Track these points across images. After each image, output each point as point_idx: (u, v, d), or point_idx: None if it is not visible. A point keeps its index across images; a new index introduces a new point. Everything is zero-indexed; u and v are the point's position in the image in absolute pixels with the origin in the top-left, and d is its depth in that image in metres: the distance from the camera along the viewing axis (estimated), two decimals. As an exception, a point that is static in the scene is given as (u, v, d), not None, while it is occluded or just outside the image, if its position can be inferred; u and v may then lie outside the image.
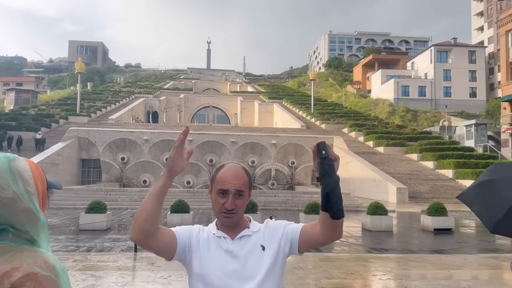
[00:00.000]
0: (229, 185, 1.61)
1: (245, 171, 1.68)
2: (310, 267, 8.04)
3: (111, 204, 18.25)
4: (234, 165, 1.71)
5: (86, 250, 9.58)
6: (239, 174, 1.65)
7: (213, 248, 1.63)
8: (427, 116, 56.05)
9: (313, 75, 61.44)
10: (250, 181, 1.68)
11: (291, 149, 31.50)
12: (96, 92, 61.91)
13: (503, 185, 2.11)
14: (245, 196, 1.64)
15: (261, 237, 1.67)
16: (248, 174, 1.70)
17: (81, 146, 29.74)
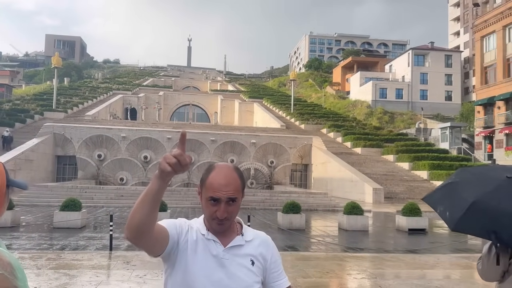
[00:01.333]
0: (220, 193, 1.47)
1: (237, 172, 1.54)
2: (286, 266, 8.07)
3: (87, 202, 17.94)
4: (226, 167, 1.54)
5: (59, 249, 9.38)
6: (231, 178, 1.50)
7: (201, 251, 1.52)
8: (403, 118, 57.06)
9: (293, 76, 61.77)
10: (243, 183, 1.55)
11: (270, 149, 31.59)
12: (73, 87, 60.70)
13: (464, 187, 2.22)
14: (238, 201, 1.51)
15: (253, 249, 1.58)
16: (241, 175, 1.56)
17: (56, 142, 29.11)
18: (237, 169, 1.56)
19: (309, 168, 33.54)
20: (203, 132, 32.25)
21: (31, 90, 60.46)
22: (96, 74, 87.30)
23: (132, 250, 9.49)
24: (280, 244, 11.30)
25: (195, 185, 28.63)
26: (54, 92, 44.37)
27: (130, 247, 9.97)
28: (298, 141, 33.09)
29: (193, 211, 18.90)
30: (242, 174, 1.57)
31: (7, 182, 1.24)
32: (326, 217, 18.17)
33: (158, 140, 29.51)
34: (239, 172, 1.55)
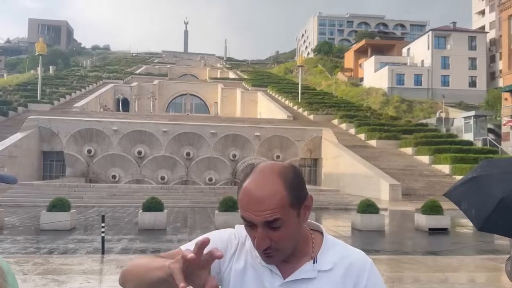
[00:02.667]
0: (251, 214, 1.12)
1: (283, 179, 1.14)
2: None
3: (76, 202, 18.04)
4: (263, 173, 1.16)
5: (47, 252, 9.46)
6: (267, 191, 1.11)
7: (250, 281, 1.22)
8: (423, 107, 56.85)
9: (301, 61, 61.56)
10: (294, 193, 1.15)
11: (276, 142, 31.58)
12: (60, 76, 60.83)
13: (491, 181, 2.19)
14: (288, 223, 1.13)
15: (332, 285, 1.20)
16: (290, 182, 1.15)
17: (42, 137, 29.24)
18: (284, 173, 1.16)
19: (318, 163, 33.53)
20: (202, 124, 32.27)
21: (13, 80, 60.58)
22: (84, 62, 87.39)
23: (126, 253, 9.56)
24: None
25: (193, 182, 28.74)
26: (38, 82, 44.48)
27: (124, 250, 10.05)
28: (306, 133, 33.06)
29: (192, 210, 18.98)
30: (292, 180, 1.15)
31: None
32: (338, 216, 18.20)
33: (153, 134, 29.57)
34: (286, 178, 1.15)
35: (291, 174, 1.16)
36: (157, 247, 10.49)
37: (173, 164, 29.36)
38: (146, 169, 29.12)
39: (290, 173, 1.17)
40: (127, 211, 18.19)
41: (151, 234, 12.23)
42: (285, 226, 1.13)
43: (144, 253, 9.82)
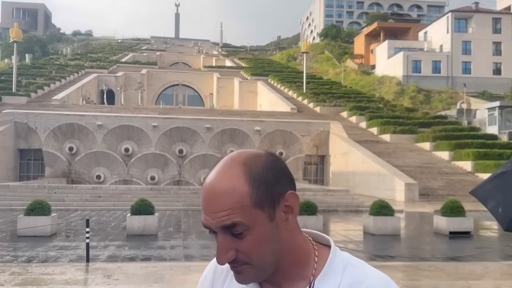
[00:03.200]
0: (207, 217, 1.00)
1: (245, 171, 0.99)
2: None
3: (57, 205, 18.07)
4: (224, 164, 1.03)
5: (26, 261, 9.48)
6: (223, 188, 0.98)
7: None
8: (442, 97, 56.84)
9: (305, 47, 61.46)
10: (259, 190, 0.98)
11: (278, 137, 31.61)
12: (37, 66, 60.77)
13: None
14: (254, 229, 0.97)
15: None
16: (253, 174, 0.98)
17: (18, 133, 29.25)
18: (250, 163, 1.00)
19: (326, 160, 33.56)
20: (196, 118, 32.29)
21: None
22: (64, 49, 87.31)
23: (114, 261, 9.59)
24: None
25: (187, 182, 28.79)
26: (13, 72, 44.43)
27: (111, 258, 10.07)
28: (312, 127, 33.08)
29: (185, 213, 19.01)
30: (260, 172, 0.99)
31: None
32: (348, 219, 18.23)
33: (142, 129, 29.59)
34: (251, 170, 0.99)
35: (260, 164, 0.99)
36: (147, 255, 10.52)
37: (164, 163, 29.39)
38: (134, 168, 29.16)
39: (260, 163, 0.99)
40: (113, 215, 18.23)
41: (140, 240, 12.25)
42: (251, 233, 0.96)
43: (133, 261, 9.84)
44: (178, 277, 8.02)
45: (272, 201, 0.98)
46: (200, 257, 10.35)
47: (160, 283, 7.46)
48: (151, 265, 9.11)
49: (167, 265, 9.13)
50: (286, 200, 1.00)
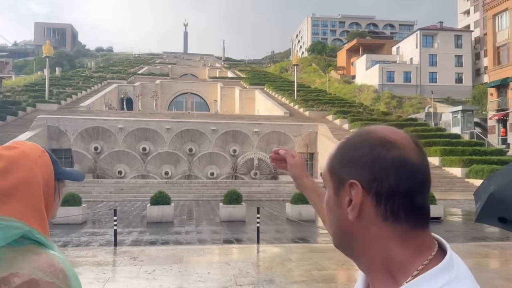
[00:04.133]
0: None
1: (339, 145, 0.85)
2: (300, 258, 8.09)
3: (86, 197, 17.96)
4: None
5: (62, 245, 9.41)
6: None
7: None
8: (412, 103, 56.86)
9: (296, 60, 61.38)
10: (337, 162, 0.81)
11: (274, 137, 31.54)
12: (66, 77, 60.47)
13: (497, 177, 2.25)
14: (330, 189, 0.82)
15: None
16: (341, 144, 0.84)
17: (50, 135, 29.10)
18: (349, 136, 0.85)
19: (315, 156, 33.52)
20: (203, 121, 32.18)
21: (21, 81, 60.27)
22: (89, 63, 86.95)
23: (138, 245, 9.53)
24: (291, 236, 11.33)
25: (196, 176, 28.69)
26: (46, 83, 44.20)
27: (135, 242, 10.01)
28: (302, 128, 33.03)
29: (196, 203, 18.96)
30: (345, 146, 0.82)
31: (57, 175, 1.14)
32: (335, 207, 18.19)
33: (157, 131, 29.47)
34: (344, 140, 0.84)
35: (356, 138, 0.81)
36: (166, 239, 10.46)
37: (176, 160, 29.29)
38: (151, 165, 29.05)
39: (357, 137, 0.81)
40: (134, 205, 18.16)
41: (159, 227, 12.20)
42: (326, 191, 0.84)
43: (154, 244, 9.78)
44: (194, 258, 7.97)
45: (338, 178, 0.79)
46: (212, 241, 10.30)
47: (179, 263, 7.41)
48: (170, 248, 9.06)
49: (184, 248, 9.08)
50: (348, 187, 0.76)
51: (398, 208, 0.73)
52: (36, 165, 1.10)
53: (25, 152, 1.11)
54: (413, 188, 0.73)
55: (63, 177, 1.18)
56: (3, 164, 1.06)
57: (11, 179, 1.04)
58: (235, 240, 10.60)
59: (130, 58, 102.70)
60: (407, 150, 0.75)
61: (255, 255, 8.46)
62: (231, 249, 9.23)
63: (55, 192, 1.15)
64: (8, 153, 1.10)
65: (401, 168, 0.73)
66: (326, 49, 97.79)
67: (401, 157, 0.73)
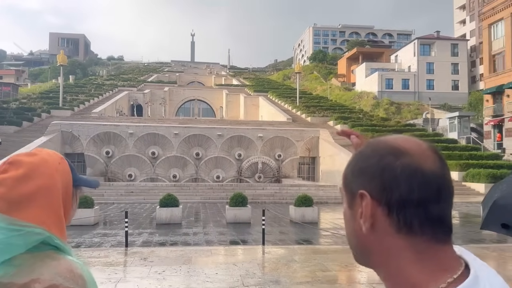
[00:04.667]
0: None
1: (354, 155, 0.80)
2: (304, 259, 8.02)
3: (97, 199, 17.95)
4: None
5: (75, 246, 9.39)
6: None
7: None
8: (410, 109, 56.65)
9: (298, 68, 61.39)
10: (348, 172, 0.78)
11: (277, 142, 31.49)
12: (79, 85, 60.75)
13: (502, 185, 2.23)
14: (345, 202, 0.79)
15: None
16: (354, 157, 0.79)
17: (64, 140, 29.19)
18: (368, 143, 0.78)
19: (316, 160, 33.42)
20: (210, 127, 32.19)
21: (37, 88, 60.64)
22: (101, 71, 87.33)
23: (148, 246, 9.49)
24: (295, 237, 11.26)
25: (203, 180, 28.66)
26: (60, 90, 44.44)
27: (145, 243, 9.98)
28: (305, 134, 32.96)
29: (203, 206, 18.91)
30: (356, 158, 0.77)
31: (75, 182, 1.13)
32: (336, 210, 18.10)
33: (165, 136, 29.51)
34: (354, 157, 0.79)
35: (367, 149, 0.75)
36: (174, 240, 10.42)
37: (184, 164, 29.29)
38: (160, 168, 29.06)
39: (364, 149, 0.76)
40: (144, 207, 18.14)
41: (168, 228, 12.16)
42: (343, 203, 0.80)
43: (163, 245, 9.74)
44: (202, 259, 7.92)
45: (351, 189, 0.75)
46: (219, 242, 10.25)
47: (188, 264, 7.37)
48: (179, 249, 9.01)
49: (192, 249, 9.03)
50: (359, 198, 0.71)
51: (411, 218, 0.65)
52: (56, 172, 1.09)
53: (45, 159, 1.10)
54: (427, 197, 0.66)
55: (81, 184, 1.17)
56: (24, 171, 1.04)
57: (32, 185, 1.03)
58: (241, 241, 10.54)
59: (140, 67, 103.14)
60: (419, 158, 0.68)
61: (260, 256, 8.40)
62: (237, 250, 9.17)
63: (72, 198, 1.14)
64: (29, 159, 1.08)
65: (412, 176, 0.66)
66: (327, 57, 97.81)
67: (412, 164, 0.67)
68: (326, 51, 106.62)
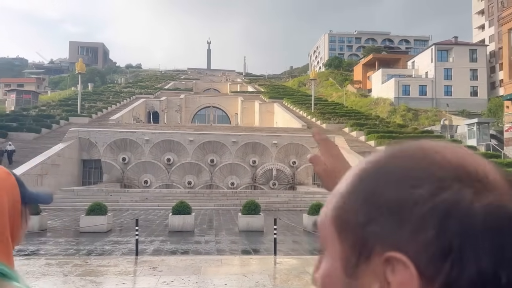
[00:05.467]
0: None
1: (360, 169, 0.46)
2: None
3: (112, 205, 18.01)
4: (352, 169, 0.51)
5: (86, 254, 9.34)
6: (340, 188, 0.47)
7: None
8: (428, 115, 55.72)
9: (313, 75, 61.13)
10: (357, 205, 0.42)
11: (292, 149, 31.24)
12: (97, 92, 61.62)
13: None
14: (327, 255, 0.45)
15: None
16: (361, 184, 0.43)
17: (82, 146, 29.51)
18: (369, 164, 0.46)
19: (332, 167, 32.98)
20: (225, 133, 32.16)
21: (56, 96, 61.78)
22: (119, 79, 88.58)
23: (158, 255, 9.37)
24: (308, 247, 11.01)
25: (217, 186, 28.56)
26: (78, 98, 45.10)
27: (156, 251, 9.86)
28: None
29: (217, 213, 18.78)
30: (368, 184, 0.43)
31: (24, 199, 1.00)
32: (352, 218, 17.75)
33: (181, 143, 29.57)
34: (368, 172, 0.45)
35: (390, 162, 0.44)
36: (186, 248, 10.29)
37: (199, 170, 29.27)
38: (175, 175, 29.10)
39: (390, 159, 0.44)
40: (158, 213, 18.10)
41: (180, 236, 12.05)
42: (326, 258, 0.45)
43: (174, 254, 9.61)
44: (212, 269, 7.75)
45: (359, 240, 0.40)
46: (230, 251, 10.08)
47: (197, 274, 7.21)
48: (189, 258, 8.87)
49: (203, 258, 8.87)
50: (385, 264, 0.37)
51: None
52: (1, 189, 0.95)
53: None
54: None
55: (31, 201, 1.03)
56: None
57: None
58: (252, 250, 10.34)
59: (157, 74, 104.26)
60: (501, 190, 0.37)
61: (272, 267, 8.19)
62: (248, 260, 8.98)
63: (22, 217, 1.00)
64: None
65: (503, 231, 0.34)
66: (342, 64, 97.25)
67: (501, 209, 0.36)
68: (341, 57, 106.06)
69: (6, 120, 36.76)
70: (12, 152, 26.14)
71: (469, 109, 56.61)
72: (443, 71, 62.18)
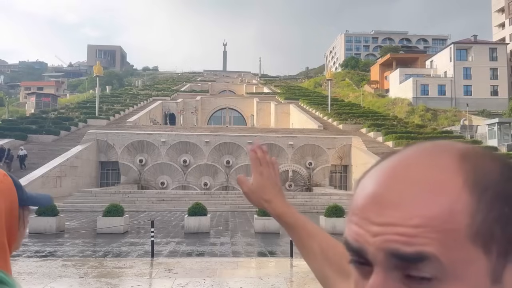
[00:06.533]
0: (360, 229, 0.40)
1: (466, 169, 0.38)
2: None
3: (129, 207, 18.14)
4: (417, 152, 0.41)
5: (102, 255, 9.37)
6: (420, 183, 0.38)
7: None
8: (447, 115, 54.73)
9: (329, 75, 60.73)
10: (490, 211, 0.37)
11: (308, 150, 31.03)
12: (115, 95, 62.38)
13: None
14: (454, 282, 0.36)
15: None
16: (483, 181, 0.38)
17: (100, 148, 29.86)
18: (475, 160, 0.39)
19: (349, 169, 32.68)
20: (240, 135, 32.14)
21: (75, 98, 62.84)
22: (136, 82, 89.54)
23: (174, 256, 9.35)
24: (324, 249, 10.84)
25: (233, 188, 28.55)
26: (96, 100, 45.73)
27: (172, 253, 9.84)
28: (336, 141, 32.33)
29: (232, 214, 18.73)
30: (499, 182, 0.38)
31: (21, 202, 0.96)
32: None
33: (197, 144, 29.66)
34: (482, 173, 0.38)
35: (495, 168, 0.39)
36: (201, 250, 10.24)
37: (215, 172, 29.31)
38: (191, 176, 29.20)
39: (495, 165, 0.39)
40: (174, 215, 18.13)
41: (196, 238, 12.02)
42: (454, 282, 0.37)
43: (190, 256, 9.57)
44: (227, 271, 7.67)
45: (503, 248, 0.37)
46: (246, 254, 9.99)
47: (213, 277, 7.14)
48: (204, 260, 8.81)
49: (218, 260, 8.80)
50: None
51: None
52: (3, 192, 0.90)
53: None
54: None
55: (28, 203, 0.97)
56: None
57: None
58: (268, 253, 10.24)
59: (173, 77, 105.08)
60: None
61: (288, 270, 8.07)
62: (264, 263, 8.88)
63: (19, 220, 0.94)
64: None
65: None
66: (359, 64, 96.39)
67: None
68: (358, 57, 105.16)
69: (26, 122, 37.49)
70: (24, 157, 25.49)
71: (489, 109, 55.43)
72: (462, 71, 61.04)
